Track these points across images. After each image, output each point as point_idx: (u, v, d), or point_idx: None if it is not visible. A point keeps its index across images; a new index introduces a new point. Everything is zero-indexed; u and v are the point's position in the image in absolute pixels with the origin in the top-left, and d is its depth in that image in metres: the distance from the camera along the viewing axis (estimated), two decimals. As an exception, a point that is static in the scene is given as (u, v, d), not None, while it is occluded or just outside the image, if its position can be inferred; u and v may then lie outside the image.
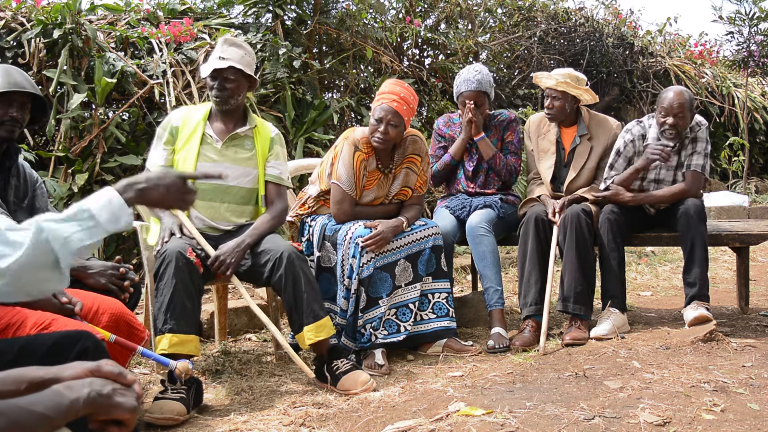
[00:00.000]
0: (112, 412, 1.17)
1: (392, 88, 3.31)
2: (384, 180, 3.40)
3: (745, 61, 8.86)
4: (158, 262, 2.75)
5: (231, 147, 3.12)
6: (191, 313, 2.75)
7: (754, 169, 9.52)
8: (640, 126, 3.70)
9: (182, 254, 2.73)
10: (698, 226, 3.44)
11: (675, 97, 3.50)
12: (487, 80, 3.74)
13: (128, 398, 1.19)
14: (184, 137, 3.08)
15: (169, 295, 2.68)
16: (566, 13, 8.68)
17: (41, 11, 4.74)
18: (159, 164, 3.09)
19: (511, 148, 3.87)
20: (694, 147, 3.62)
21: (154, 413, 2.50)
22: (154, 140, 3.15)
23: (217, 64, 3.04)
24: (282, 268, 2.84)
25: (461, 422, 2.32)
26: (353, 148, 3.28)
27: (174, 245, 2.76)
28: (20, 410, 1.10)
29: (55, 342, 1.66)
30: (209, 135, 3.10)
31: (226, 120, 3.14)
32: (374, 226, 3.18)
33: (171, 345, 2.67)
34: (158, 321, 2.70)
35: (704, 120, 3.68)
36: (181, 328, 2.69)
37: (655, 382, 2.68)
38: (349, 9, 6.01)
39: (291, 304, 2.87)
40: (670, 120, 3.51)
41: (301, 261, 2.91)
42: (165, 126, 3.12)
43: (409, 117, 3.30)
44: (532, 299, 3.49)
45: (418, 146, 3.45)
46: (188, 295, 2.73)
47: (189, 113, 3.16)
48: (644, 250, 6.06)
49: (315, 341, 2.86)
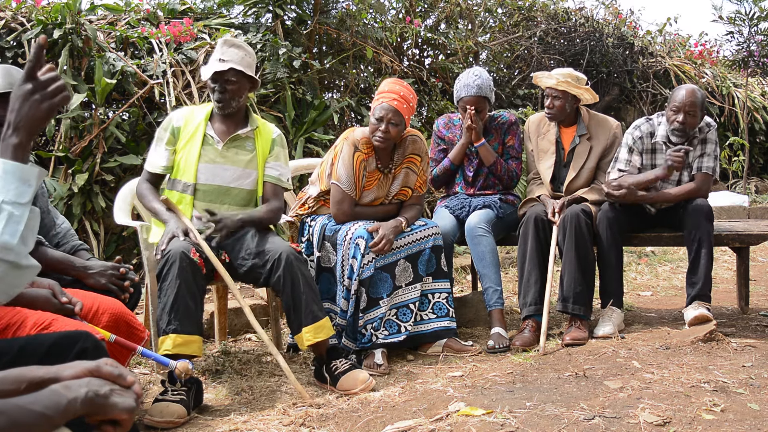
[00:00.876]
0: (110, 412, 1.17)
1: (392, 86, 3.31)
2: (384, 180, 3.40)
3: (745, 61, 8.86)
4: (162, 262, 2.75)
5: (232, 148, 3.11)
6: (194, 314, 2.75)
7: (754, 169, 9.52)
8: (649, 123, 3.69)
9: (186, 254, 2.73)
10: (706, 226, 3.44)
11: (687, 95, 3.49)
12: (487, 84, 3.72)
13: (126, 399, 1.19)
14: (185, 137, 3.08)
15: (173, 295, 2.68)
16: (566, 13, 8.68)
17: (41, 11, 4.74)
18: (161, 165, 3.08)
19: (512, 152, 3.86)
20: (704, 148, 3.61)
21: (155, 416, 2.50)
22: (154, 141, 3.13)
23: (217, 66, 3.02)
24: (281, 270, 2.84)
25: (461, 422, 2.32)
26: (353, 148, 3.28)
27: (178, 246, 2.75)
28: (19, 409, 1.10)
29: (54, 342, 1.66)
30: (210, 136, 3.09)
31: (228, 121, 3.14)
32: (375, 230, 3.18)
33: (175, 345, 2.66)
34: (162, 321, 2.70)
35: (713, 121, 3.68)
36: (184, 328, 2.69)
37: (655, 382, 2.68)
38: (349, 9, 6.01)
39: (290, 305, 2.87)
40: (680, 117, 3.50)
41: (299, 262, 2.90)
42: (166, 126, 3.11)
43: (409, 115, 3.30)
44: (531, 299, 3.49)
45: (418, 146, 3.45)
46: (191, 296, 2.73)
47: (191, 113, 3.15)
48: (644, 250, 6.06)
49: (314, 342, 2.86)
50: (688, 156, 3.60)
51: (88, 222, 4.36)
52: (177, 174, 3.07)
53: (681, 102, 3.49)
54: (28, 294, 2.07)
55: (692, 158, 3.63)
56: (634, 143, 3.66)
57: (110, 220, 3.89)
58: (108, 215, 4.13)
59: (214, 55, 3.08)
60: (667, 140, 3.61)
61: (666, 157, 3.52)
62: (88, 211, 4.39)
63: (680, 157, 3.46)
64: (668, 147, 3.61)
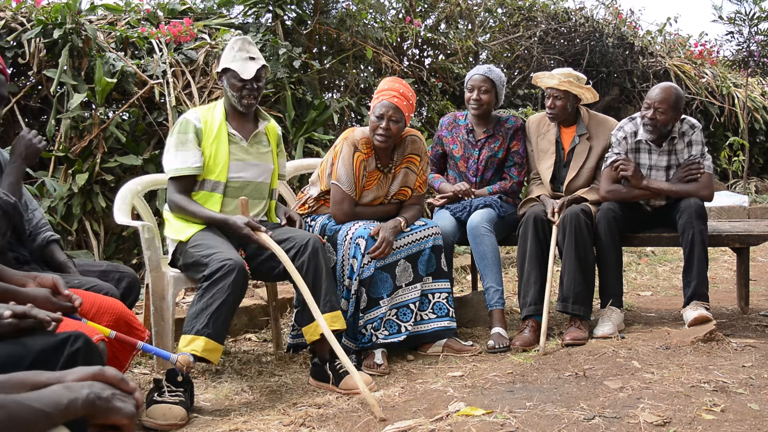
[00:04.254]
0: (111, 415, 1.18)
1: (391, 84, 3.32)
2: (383, 180, 3.40)
3: (745, 61, 8.86)
4: (217, 266, 2.71)
5: (255, 145, 3.17)
6: (228, 326, 2.79)
7: (754, 169, 9.52)
8: (632, 123, 3.71)
9: (243, 268, 2.75)
10: (698, 225, 3.44)
11: (659, 93, 3.53)
12: (498, 75, 3.83)
13: (127, 404, 1.20)
14: (210, 138, 3.05)
15: (219, 301, 2.68)
16: (566, 13, 8.67)
17: (41, 11, 4.74)
18: (195, 165, 3.01)
19: (516, 158, 3.87)
20: (690, 150, 3.62)
21: (157, 419, 2.50)
22: (173, 146, 3.03)
23: (253, 65, 3.02)
24: (306, 255, 2.90)
25: (461, 422, 2.32)
26: (353, 148, 3.28)
27: (236, 256, 2.77)
28: (19, 405, 1.11)
29: (47, 342, 1.66)
30: (233, 134, 3.10)
31: (244, 119, 3.16)
32: (377, 233, 3.17)
33: (205, 350, 2.66)
34: (198, 321, 2.68)
35: (697, 122, 3.68)
36: (218, 336, 2.70)
37: (655, 382, 2.68)
38: (349, 9, 6.00)
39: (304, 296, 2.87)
40: (649, 113, 3.54)
41: (324, 252, 2.98)
42: (185, 129, 3.03)
43: (409, 113, 3.30)
44: (531, 299, 3.49)
45: (417, 146, 3.45)
46: (233, 310, 2.78)
47: (205, 114, 3.11)
48: (644, 250, 6.06)
49: (331, 329, 2.79)
50: (670, 156, 3.63)
51: (88, 222, 4.36)
52: (205, 174, 3.05)
53: (652, 99, 3.54)
54: (27, 293, 2.07)
55: (677, 159, 3.64)
56: (618, 143, 3.68)
57: (110, 220, 3.89)
58: (108, 215, 4.13)
59: (239, 54, 3.04)
60: (649, 139, 3.63)
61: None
62: (88, 211, 4.39)
63: (625, 168, 3.57)
64: (648, 146, 3.64)
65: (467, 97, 3.84)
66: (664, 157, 3.65)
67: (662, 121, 3.53)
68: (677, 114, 3.56)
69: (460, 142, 3.90)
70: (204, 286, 2.73)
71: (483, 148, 3.86)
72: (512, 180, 3.86)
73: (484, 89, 3.78)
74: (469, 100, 3.82)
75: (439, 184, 3.91)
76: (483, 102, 3.78)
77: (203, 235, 2.93)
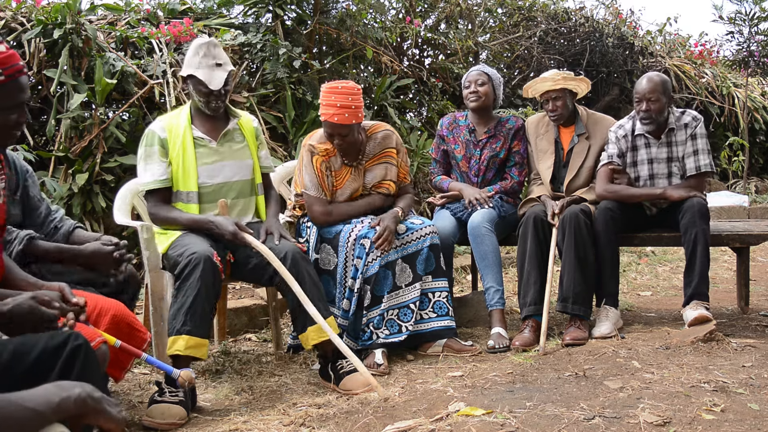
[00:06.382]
0: (101, 416, 1.18)
1: (328, 98, 3.19)
2: (356, 173, 3.40)
3: (745, 61, 8.86)
4: (185, 262, 2.72)
5: (226, 143, 3.12)
6: (208, 318, 2.77)
7: (754, 169, 9.51)
8: (632, 121, 3.71)
9: (210, 258, 2.73)
10: (701, 225, 3.43)
11: (646, 83, 3.54)
12: (492, 71, 3.88)
13: (117, 410, 1.21)
14: (175, 147, 3.02)
15: (192, 297, 2.68)
16: (566, 13, 8.67)
17: (41, 11, 4.74)
18: (162, 177, 3.00)
19: (517, 158, 3.88)
20: (695, 144, 3.61)
21: (156, 418, 2.50)
22: (143, 158, 3.03)
23: (220, 73, 2.98)
24: (286, 266, 2.85)
25: (461, 422, 2.31)
26: (310, 154, 3.32)
27: (203, 249, 2.75)
28: (11, 404, 1.12)
29: (46, 343, 1.66)
30: (200, 137, 3.06)
31: (212, 118, 3.11)
32: (377, 225, 3.20)
33: (187, 347, 2.66)
34: (176, 321, 2.69)
35: (699, 115, 3.69)
36: (198, 331, 2.69)
37: (655, 382, 2.68)
38: (349, 9, 6.00)
39: (295, 304, 2.87)
40: (643, 106, 3.54)
41: (305, 261, 2.94)
42: (151, 141, 3.02)
43: (355, 117, 3.19)
44: (531, 299, 3.49)
45: (390, 141, 3.46)
46: (209, 300, 2.75)
47: (170, 122, 3.09)
48: (644, 250, 6.06)
49: (318, 341, 2.87)
50: (671, 149, 3.63)
51: (88, 222, 4.36)
52: (177, 186, 3.03)
53: (641, 91, 3.54)
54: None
55: (679, 151, 3.63)
56: (616, 141, 3.68)
57: (110, 220, 3.89)
58: (108, 215, 4.13)
59: (204, 60, 2.98)
60: (646, 133, 3.63)
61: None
62: (88, 211, 4.39)
63: (619, 181, 3.62)
64: (647, 140, 3.65)
65: (465, 93, 3.85)
66: (664, 149, 3.65)
67: (656, 110, 3.54)
68: (669, 99, 3.58)
69: (462, 142, 3.90)
70: (177, 285, 2.74)
71: (485, 148, 3.86)
72: (513, 180, 3.86)
73: (481, 82, 3.79)
74: (467, 96, 3.83)
75: (449, 184, 3.89)
76: (481, 94, 3.79)
77: (181, 238, 2.91)
